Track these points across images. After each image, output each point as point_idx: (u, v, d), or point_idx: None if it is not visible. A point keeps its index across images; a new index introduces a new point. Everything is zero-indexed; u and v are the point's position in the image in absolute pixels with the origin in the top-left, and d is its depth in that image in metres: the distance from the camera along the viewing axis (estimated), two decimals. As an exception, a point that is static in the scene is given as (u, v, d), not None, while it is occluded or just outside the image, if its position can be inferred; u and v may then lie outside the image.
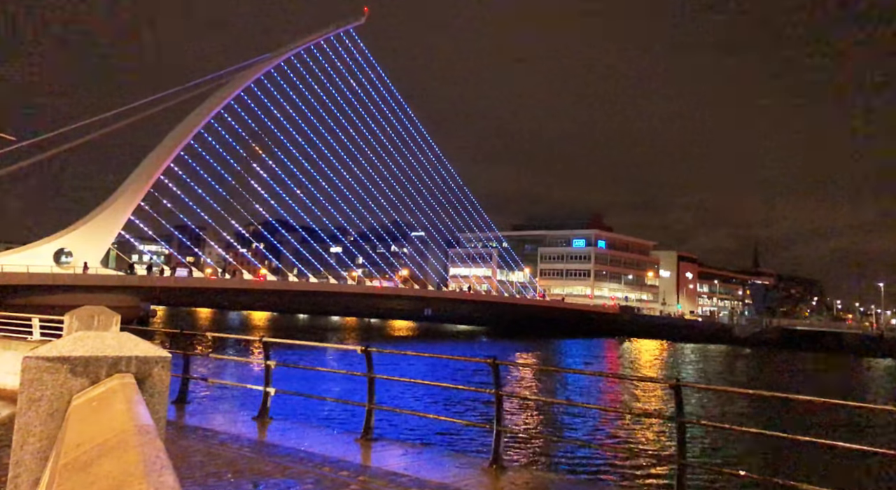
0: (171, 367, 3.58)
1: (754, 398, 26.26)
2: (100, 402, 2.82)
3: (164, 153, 58.07)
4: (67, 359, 3.18)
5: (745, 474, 5.64)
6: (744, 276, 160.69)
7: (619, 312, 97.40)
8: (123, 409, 2.49)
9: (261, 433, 9.11)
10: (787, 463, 16.08)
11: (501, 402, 7.52)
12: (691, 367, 51.95)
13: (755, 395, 5.90)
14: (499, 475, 7.02)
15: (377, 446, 8.32)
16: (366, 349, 8.90)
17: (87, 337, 3.43)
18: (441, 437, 16.84)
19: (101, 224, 54.25)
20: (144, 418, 2.26)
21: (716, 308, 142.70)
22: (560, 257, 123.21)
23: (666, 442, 18.74)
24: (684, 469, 6.03)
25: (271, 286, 67.61)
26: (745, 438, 18.09)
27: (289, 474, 7.04)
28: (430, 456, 8.03)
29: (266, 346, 10.17)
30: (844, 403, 5.79)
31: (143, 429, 2.04)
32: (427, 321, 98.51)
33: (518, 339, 72.15)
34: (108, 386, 3.06)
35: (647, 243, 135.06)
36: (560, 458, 15.51)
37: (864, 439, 20.52)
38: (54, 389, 3.13)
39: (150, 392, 3.32)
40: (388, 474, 6.99)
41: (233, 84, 62.55)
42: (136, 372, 3.35)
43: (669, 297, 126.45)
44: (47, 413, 3.10)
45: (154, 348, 3.54)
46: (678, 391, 6.10)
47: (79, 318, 9.63)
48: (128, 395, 2.81)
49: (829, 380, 46.86)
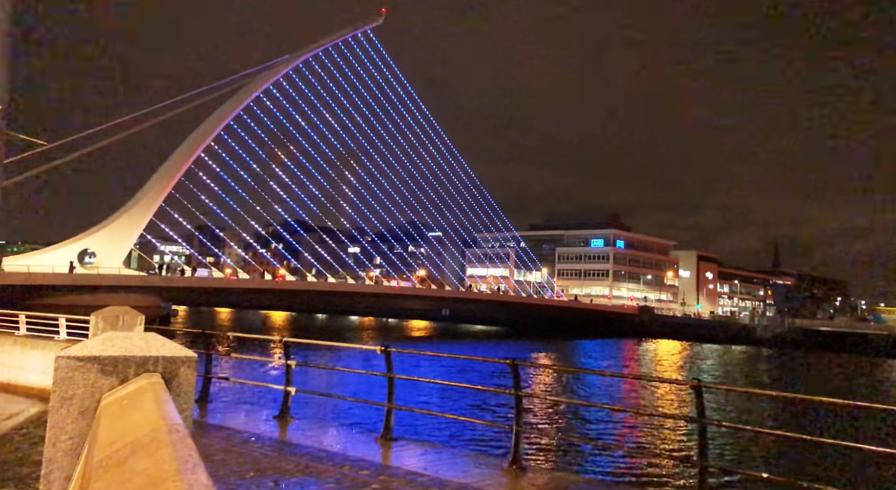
0: (196, 367, 3.65)
1: (776, 400, 25.90)
2: (130, 400, 2.89)
3: (185, 155, 58.81)
4: (98, 358, 3.26)
5: (769, 477, 5.58)
6: (765, 275, 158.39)
7: (638, 313, 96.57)
8: (153, 408, 2.55)
9: (282, 432, 9.20)
10: (811, 466, 15.82)
11: (521, 402, 7.52)
12: (712, 368, 51.36)
13: (778, 397, 5.84)
14: (519, 476, 7.02)
15: (397, 446, 8.36)
16: (385, 349, 8.94)
17: (116, 337, 3.51)
18: (460, 437, 16.85)
19: (124, 225, 55.10)
20: (174, 417, 2.31)
21: (736, 308, 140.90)
22: (578, 257, 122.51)
23: (686, 443, 18.55)
24: (706, 471, 5.98)
25: (290, 286, 68.14)
26: (767, 441, 17.82)
27: (309, 473, 7.11)
28: (450, 456, 8.05)
29: (287, 346, 10.26)
30: (870, 405, 5.70)
31: (173, 427, 2.09)
32: (444, 321, 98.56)
33: (536, 339, 71.89)
34: (137, 385, 3.13)
35: (666, 243, 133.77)
36: (580, 458, 15.43)
37: (892, 443, 20.14)
38: (85, 388, 3.21)
39: (176, 391, 3.39)
40: (408, 474, 7.03)
41: (252, 86, 63.14)
42: (163, 371, 3.43)
43: (689, 297, 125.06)
44: (78, 411, 3.18)
45: (180, 348, 3.61)
46: (699, 392, 6.05)
47: (104, 318, 9.81)
48: (157, 394, 2.87)
49: (856, 382, 46.01)
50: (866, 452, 6.62)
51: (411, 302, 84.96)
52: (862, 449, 5.65)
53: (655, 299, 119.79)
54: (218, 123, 60.55)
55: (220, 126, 60.71)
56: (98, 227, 55.14)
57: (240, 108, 61.98)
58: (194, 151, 59.17)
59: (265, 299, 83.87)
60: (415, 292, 79.18)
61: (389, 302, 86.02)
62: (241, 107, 62.04)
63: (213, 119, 60.78)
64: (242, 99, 62.19)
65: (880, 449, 5.80)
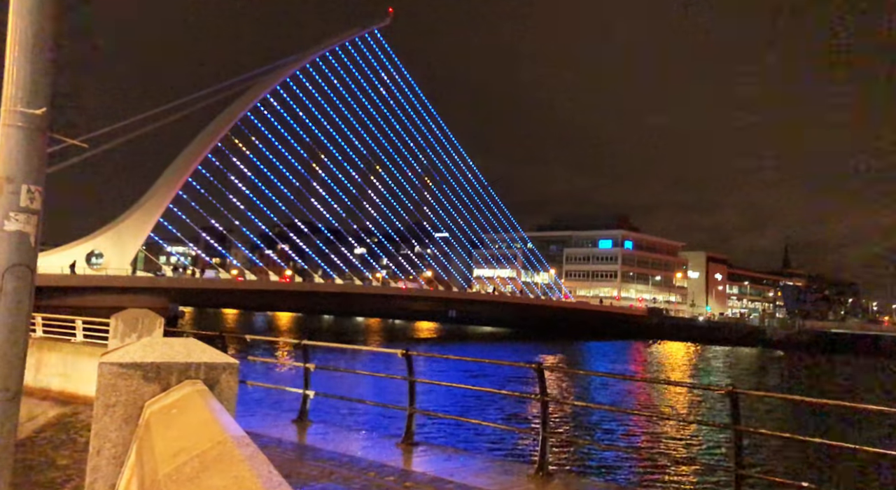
0: (237, 373, 3.57)
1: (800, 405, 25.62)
2: (179, 409, 2.81)
3: (192, 156, 58.95)
4: (140, 365, 3.18)
5: (808, 486, 5.45)
6: (774, 276, 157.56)
7: (647, 314, 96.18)
8: (208, 417, 2.46)
9: (301, 436, 9.12)
10: (844, 472, 15.53)
11: (547, 407, 7.41)
12: (724, 370, 51.03)
13: (816, 404, 5.72)
14: (546, 482, 6.91)
15: (419, 451, 8.26)
16: (406, 353, 8.86)
17: (156, 343, 3.43)
18: (481, 441, 16.63)
19: (132, 226, 55.28)
20: (236, 428, 2.22)
21: (746, 310, 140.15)
22: (586, 258, 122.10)
23: (716, 449, 18.22)
24: (741, 479, 5.86)
25: (297, 288, 68.17)
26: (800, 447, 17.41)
27: (334, 479, 7.02)
28: (474, 462, 7.94)
29: (305, 348, 10.19)
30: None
31: (241, 441, 2.00)
32: (451, 323, 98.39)
33: (543, 340, 71.64)
34: (183, 393, 3.05)
35: (675, 244, 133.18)
36: (607, 465, 15.17)
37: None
38: (128, 395, 3.14)
39: (219, 398, 3.31)
40: (433, 480, 6.93)
41: (259, 87, 63.25)
42: (204, 378, 3.35)
43: (698, 298, 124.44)
44: (122, 419, 3.10)
45: (221, 355, 3.53)
46: (735, 399, 5.93)
47: (124, 320, 9.76)
48: (207, 402, 2.79)
49: (876, 385, 45.51)
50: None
51: (418, 303, 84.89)
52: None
53: (664, 301, 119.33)
54: (225, 124, 60.68)
55: (228, 127, 60.84)
56: (105, 228, 55.34)
57: (247, 109, 62.11)
58: (202, 152, 59.31)
59: (271, 300, 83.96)
60: (422, 293, 79.09)
61: (396, 303, 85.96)
62: (248, 107, 62.17)
63: (221, 120, 60.91)
64: (250, 99, 62.31)
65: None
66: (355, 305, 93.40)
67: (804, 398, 5.85)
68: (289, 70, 65.99)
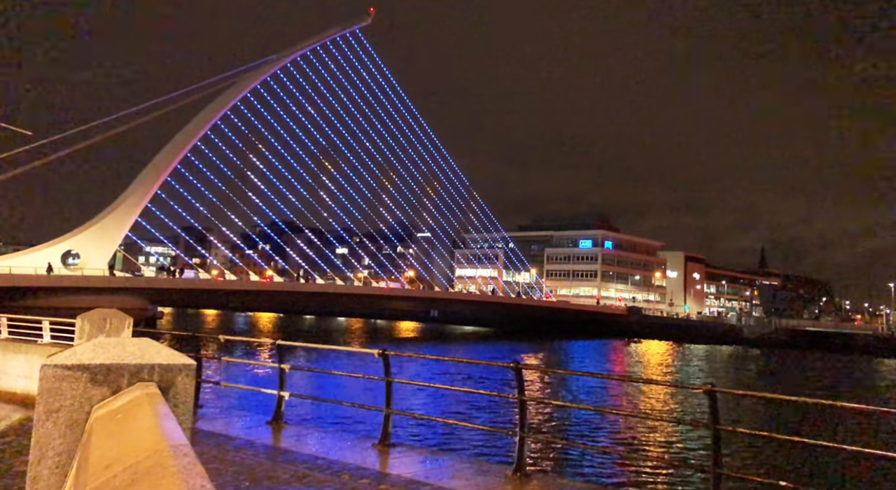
0: (195, 374, 3.38)
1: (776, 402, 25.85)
2: (125, 414, 2.62)
3: (171, 155, 58.07)
4: (87, 367, 2.99)
5: (786, 484, 5.39)
6: (751, 276, 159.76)
7: (627, 313, 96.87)
8: (152, 424, 2.29)
9: (276, 438, 8.91)
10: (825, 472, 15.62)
11: (525, 407, 7.29)
12: (702, 369, 51.51)
13: (796, 401, 5.66)
14: (523, 483, 6.79)
15: (395, 453, 8.10)
16: (383, 353, 8.69)
17: (107, 343, 3.23)
18: (459, 442, 16.45)
19: (109, 226, 54.28)
20: (177, 436, 2.05)
21: (723, 309, 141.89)
22: (567, 258, 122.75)
23: (695, 449, 18.24)
24: (720, 478, 5.78)
25: (278, 288, 67.51)
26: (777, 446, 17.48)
27: (307, 482, 6.83)
28: (451, 463, 7.80)
29: (281, 349, 9.97)
30: (889, 411, 5.53)
31: (179, 449, 1.83)
32: (433, 322, 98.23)
33: (525, 340, 71.79)
34: (132, 396, 2.86)
35: (654, 244, 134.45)
36: (585, 465, 15.09)
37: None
38: (73, 399, 2.94)
39: (174, 402, 3.12)
40: (409, 483, 6.77)
41: (238, 86, 62.54)
42: (159, 380, 3.15)
43: (677, 297, 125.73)
44: (66, 425, 2.90)
45: (178, 355, 3.34)
46: (713, 397, 5.86)
47: (91, 320, 9.45)
48: (154, 407, 2.61)
49: (852, 382, 46.21)
50: (890, 458, 6.46)
51: (400, 303, 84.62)
52: (888, 456, 5.49)
53: (643, 300, 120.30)
54: (204, 123, 59.87)
55: (207, 126, 60.02)
56: (82, 227, 54.27)
57: (227, 108, 61.35)
58: (181, 151, 58.44)
59: (252, 301, 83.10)
60: (404, 293, 78.84)
61: (378, 303, 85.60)
62: (228, 106, 61.41)
63: (200, 119, 60.08)
64: (229, 98, 61.56)
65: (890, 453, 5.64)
66: (337, 305, 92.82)
67: (782, 396, 5.79)
68: (270, 69, 65.35)
